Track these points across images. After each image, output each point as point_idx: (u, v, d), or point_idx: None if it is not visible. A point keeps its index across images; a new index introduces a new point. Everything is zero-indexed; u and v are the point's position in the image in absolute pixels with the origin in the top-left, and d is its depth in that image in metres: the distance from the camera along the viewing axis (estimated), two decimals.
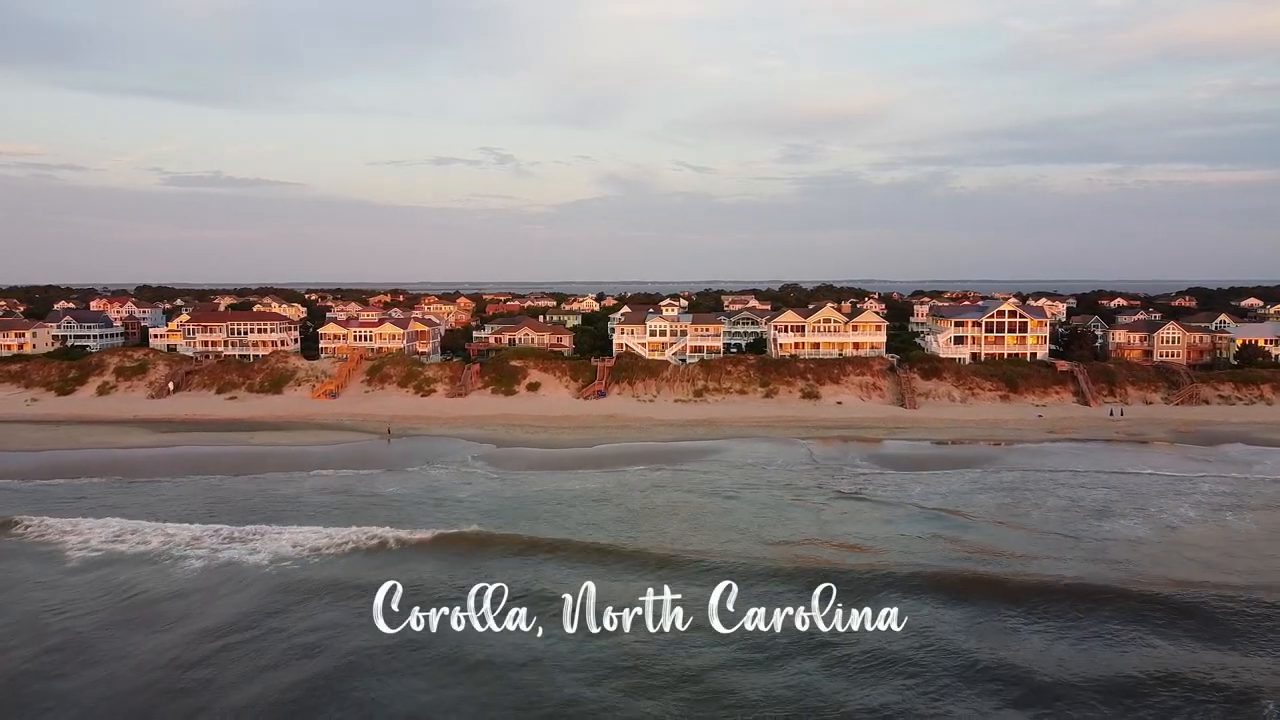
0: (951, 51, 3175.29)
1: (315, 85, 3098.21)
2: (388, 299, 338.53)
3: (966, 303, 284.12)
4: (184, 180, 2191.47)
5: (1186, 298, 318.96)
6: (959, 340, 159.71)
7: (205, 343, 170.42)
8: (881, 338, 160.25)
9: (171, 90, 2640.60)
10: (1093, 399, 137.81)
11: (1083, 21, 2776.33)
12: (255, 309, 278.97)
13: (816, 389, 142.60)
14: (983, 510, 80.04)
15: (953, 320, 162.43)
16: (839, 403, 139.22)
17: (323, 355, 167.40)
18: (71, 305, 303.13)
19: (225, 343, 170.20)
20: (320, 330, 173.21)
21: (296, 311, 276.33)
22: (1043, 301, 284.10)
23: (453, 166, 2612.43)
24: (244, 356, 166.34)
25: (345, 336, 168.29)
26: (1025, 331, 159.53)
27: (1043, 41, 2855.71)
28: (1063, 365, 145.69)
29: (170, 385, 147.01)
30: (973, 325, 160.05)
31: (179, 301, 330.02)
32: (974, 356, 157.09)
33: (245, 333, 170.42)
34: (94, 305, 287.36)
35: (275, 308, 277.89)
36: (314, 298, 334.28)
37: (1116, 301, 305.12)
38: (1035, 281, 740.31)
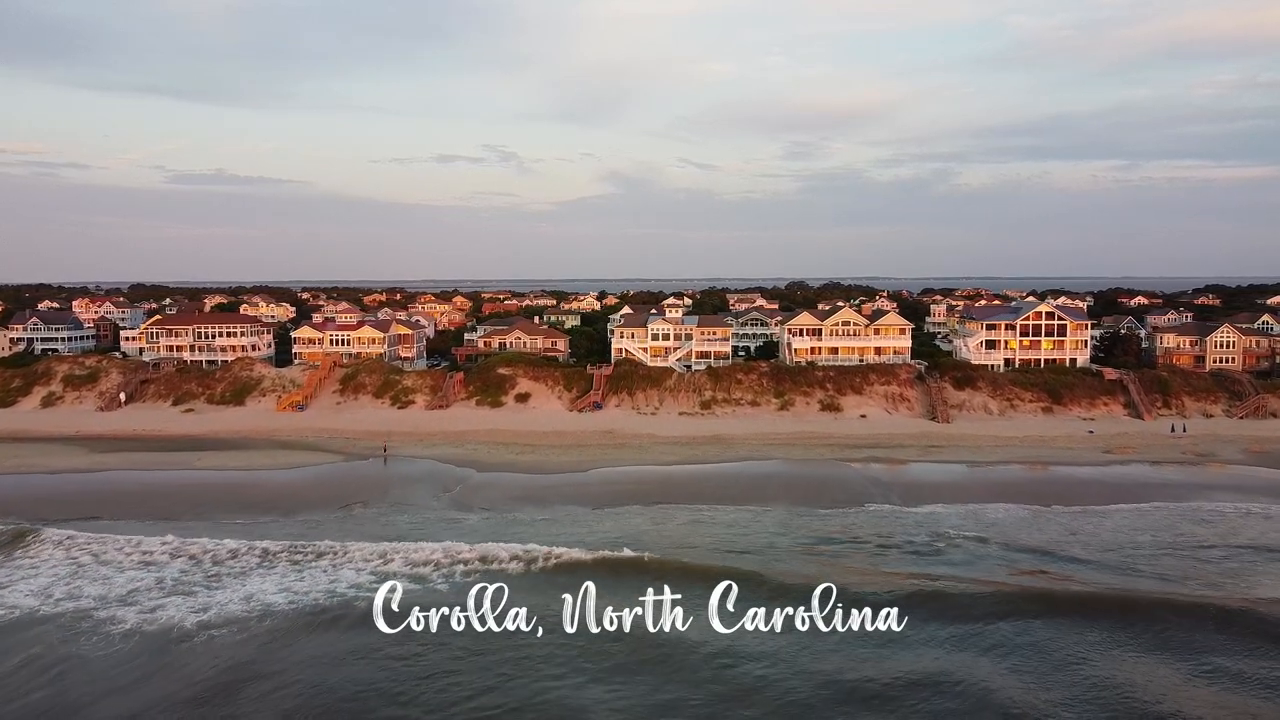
0: (954, 48, 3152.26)
1: (317, 83, 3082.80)
2: (383, 298, 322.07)
3: (983, 302, 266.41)
4: (187, 178, 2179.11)
5: (1209, 296, 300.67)
6: (990, 345, 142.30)
7: (170, 347, 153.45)
8: (906, 342, 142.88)
9: (174, 88, 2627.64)
10: (1146, 412, 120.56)
11: (1085, 18, 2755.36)
12: (242, 309, 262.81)
13: (837, 400, 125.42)
14: (1087, 558, 63.70)
15: (983, 323, 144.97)
16: (863, 416, 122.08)
17: (296, 361, 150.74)
18: (56, 305, 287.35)
19: (191, 347, 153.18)
20: (294, 334, 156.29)
21: (285, 311, 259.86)
22: (1063, 300, 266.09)
23: (456, 164, 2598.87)
24: (212, 363, 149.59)
25: (320, 341, 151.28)
26: (1064, 335, 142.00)
27: (1045, 38, 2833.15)
28: (1111, 373, 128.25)
29: (122, 396, 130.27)
30: (1006, 328, 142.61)
31: (168, 301, 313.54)
32: (1007, 362, 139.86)
33: (213, 337, 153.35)
34: (75, 305, 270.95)
35: (263, 307, 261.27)
36: (306, 297, 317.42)
37: (1138, 300, 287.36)
38: (1042, 279, 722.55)
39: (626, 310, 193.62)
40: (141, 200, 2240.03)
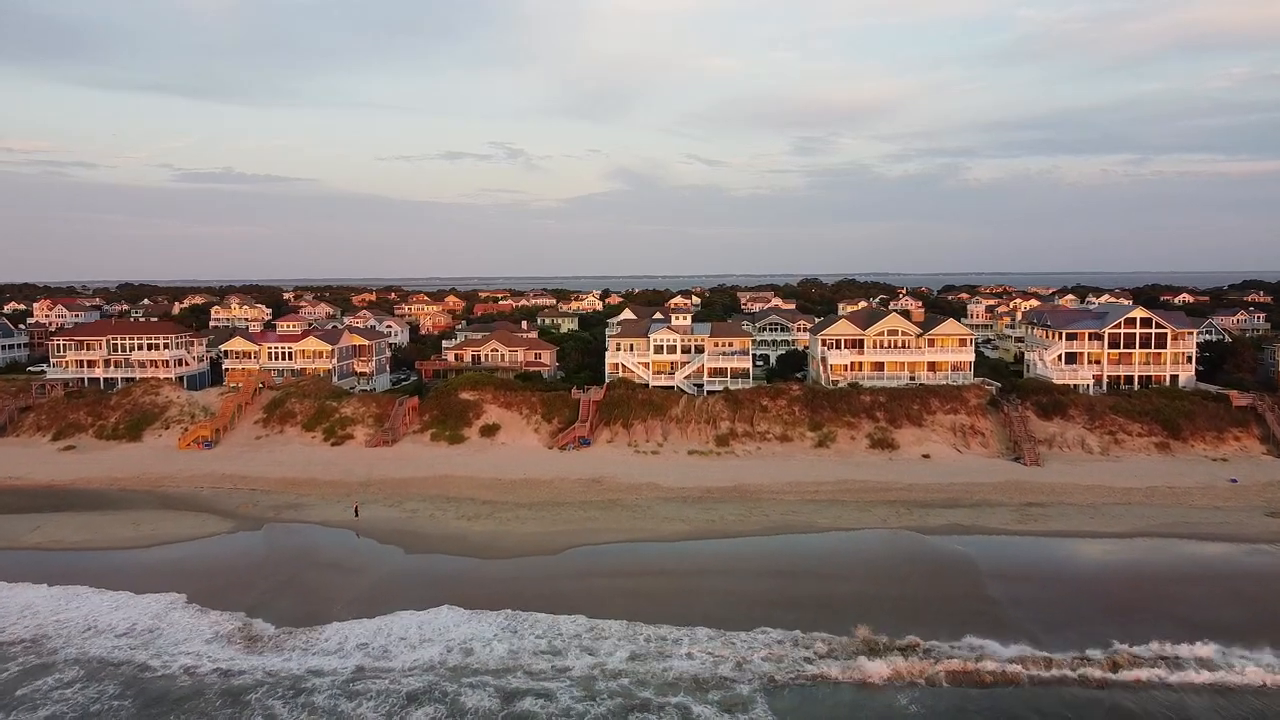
0: (963, 42, 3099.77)
1: (324, 80, 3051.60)
2: (372, 298, 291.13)
3: (1016, 300, 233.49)
4: (195, 177, 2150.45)
5: (1258, 293, 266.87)
6: (1071, 359, 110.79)
7: (81, 363, 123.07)
8: (968, 355, 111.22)
9: (181, 86, 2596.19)
10: None
11: (1095, 10, 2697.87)
12: (214, 310, 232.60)
13: (891, 435, 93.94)
14: None
15: (1060, 331, 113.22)
16: (926, 456, 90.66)
17: (227, 380, 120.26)
18: (21, 308, 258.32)
19: (106, 363, 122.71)
20: (224, 346, 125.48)
21: (260, 314, 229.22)
22: (1106, 298, 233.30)
23: (463, 161, 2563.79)
24: (130, 380, 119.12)
25: (256, 354, 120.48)
26: (1163, 346, 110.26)
27: (1055, 31, 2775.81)
28: (1239, 398, 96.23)
29: None
30: (1090, 338, 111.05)
31: (145, 301, 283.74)
32: (1095, 380, 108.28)
33: (129, 350, 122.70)
34: (36, 308, 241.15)
35: (236, 309, 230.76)
36: (289, 297, 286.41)
37: (1182, 297, 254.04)
38: (1053, 274, 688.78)
39: (626, 315, 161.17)
40: (149, 199, 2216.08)
